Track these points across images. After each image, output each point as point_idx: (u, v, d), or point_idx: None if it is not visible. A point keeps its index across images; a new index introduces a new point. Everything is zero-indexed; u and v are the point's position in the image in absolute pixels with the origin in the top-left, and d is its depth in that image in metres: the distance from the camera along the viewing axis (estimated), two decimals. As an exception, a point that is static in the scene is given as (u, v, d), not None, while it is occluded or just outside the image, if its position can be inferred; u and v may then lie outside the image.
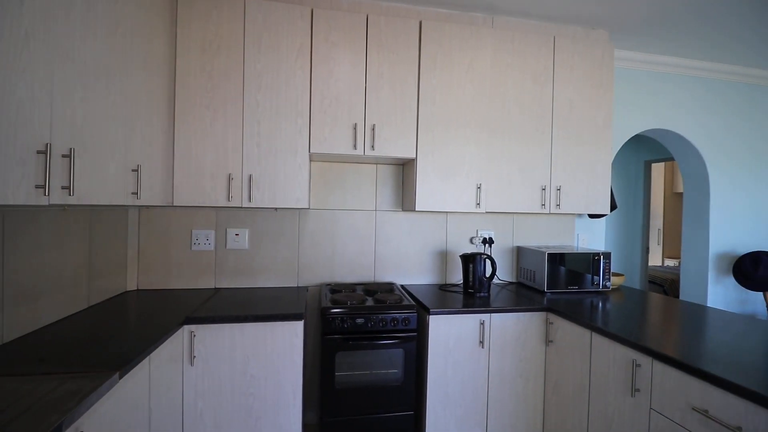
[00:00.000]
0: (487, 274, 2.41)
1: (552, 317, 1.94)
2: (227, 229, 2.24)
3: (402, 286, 2.39)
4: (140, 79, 1.59)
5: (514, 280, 2.60)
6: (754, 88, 3.12)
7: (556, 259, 2.24)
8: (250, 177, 1.93)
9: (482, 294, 2.15)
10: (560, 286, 2.25)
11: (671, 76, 2.94)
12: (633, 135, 2.91)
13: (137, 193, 1.56)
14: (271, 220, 2.28)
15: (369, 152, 2.04)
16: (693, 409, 1.19)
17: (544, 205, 2.28)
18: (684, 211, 3.21)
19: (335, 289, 2.16)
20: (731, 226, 3.07)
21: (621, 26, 2.44)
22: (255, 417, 1.70)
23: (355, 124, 2.02)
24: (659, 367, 1.33)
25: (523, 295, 2.20)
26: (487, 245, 2.54)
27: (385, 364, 1.86)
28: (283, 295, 2.05)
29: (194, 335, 1.64)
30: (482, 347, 1.92)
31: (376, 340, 1.84)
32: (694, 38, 2.55)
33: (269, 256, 2.28)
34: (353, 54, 2.03)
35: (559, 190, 2.30)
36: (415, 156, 2.10)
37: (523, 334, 1.96)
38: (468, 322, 1.90)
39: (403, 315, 1.86)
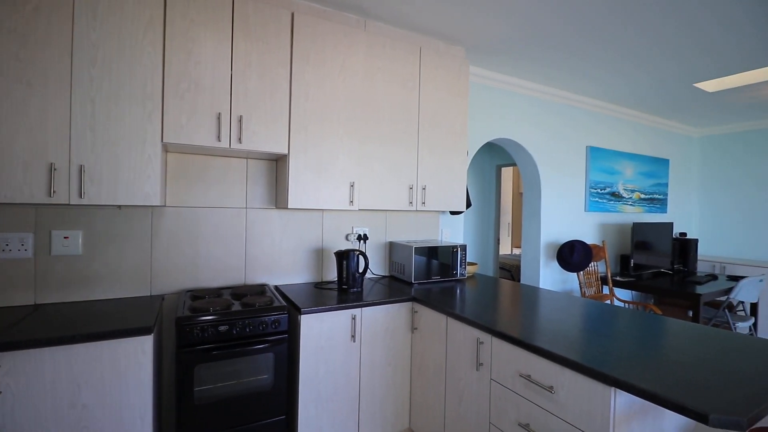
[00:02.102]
0: (361, 270, 2.49)
1: (417, 306, 2.10)
2: (52, 231, 1.83)
3: (276, 286, 2.30)
4: None
5: (387, 274, 2.73)
6: (569, 107, 3.88)
7: (422, 252, 2.44)
8: (81, 168, 1.61)
9: (355, 289, 2.21)
10: (425, 277, 2.46)
11: (513, 93, 3.46)
12: (485, 142, 3.33)
13: None
14: (114, 219, 1.95)
15: (236, 145, 1.90)
16: (520, 375, 1.42)
17: (411, 202, 2.45)
18: (523, 207, 3.82)
19: (197, 295, 1.96)
20: (556, 220, 3.78)
21: (474, 46, 2.76)
22: (90, 453, 1.43)
23: (219, 113, 1.86)
24: (497, 342, 1.56)
25: (394, 287, 2.33)
26: (362, 242, 2.62)
27: (253, 371, 1.76)
28: (130, 307, 1.78)
29: (-4, 366, 1.30)
30: (354, 341, 1.97)
31: (242, 347, 1.73)
32: (527, 64, 3.04)
33: (112, 262, 1.94)
34: (217, 36, 1.85)
35: (425, 189, 2.50)
36: (287, 152, 2.04)
37: (392, 324, 2.08)
38: (340, 318, 1.93)
39: (273, 317, 1.79)
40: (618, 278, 3.86)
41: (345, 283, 2.21)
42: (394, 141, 2.39)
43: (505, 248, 6.85)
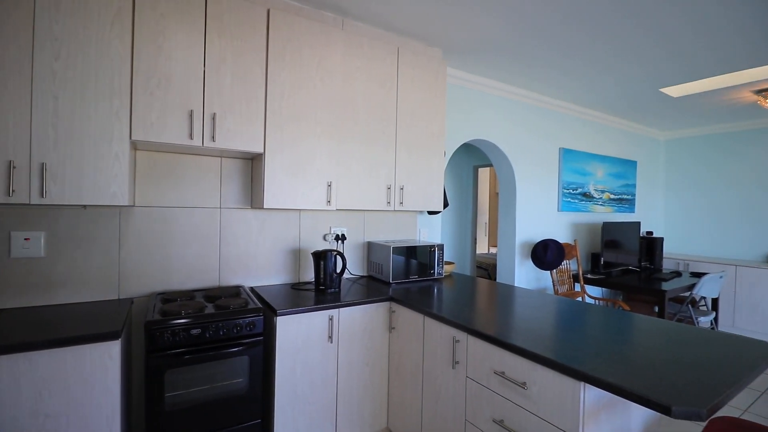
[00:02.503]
0: (338, 270, 2.48)
1: (394, 306, 2.10)
2: (12, 233, 1.74)
3: (251, 288, 2.26)
4: None
5: (365, 274, 2.73)
6: (543, 110, 3.97)
7: (400, 252, 2.45)
8: (42, 166, 1.53)
9: (333, 290, 2.19)
10: (403, 276, 2.47)
11: (490, 95, 3.52)
12: (462, 143, 3.37)
13: None
14: (79, 220, 1.86)
15: (209, 144, 1.86)
16: (494, 372, 1.45)
17: (389, 202, 2.46)
18: (499, 207, 3.89)
19: (169, 298, 1.90)
20: (530, 220, 3.87)
21: (451, 48, 2.80)
22: (52, 465, 1.37)
23: (192, 110, 1.81)
24: (472, 340, 1.58)
25: (372, 287, 2.33)
26: (340, 242, 2.61)
27: (228, 375, 1.72)
28: (97, 311, 1.71)
29: (-52, 377, 1.22)
30: (331, 342, 1.96)
31: (216, 350, 1.69)
32: (503, 66, 3.10)
33: (78, 264, 1.86)
34: (189, 31, 1.80)
35: (402, 189, 2.51)
36: (263, 151, 2.01)
37: (370, 324, 2.08)
38: (317, 319, 1.92)
39: (248, 320, 1.76)
40: (589, 276, 3.99)
41: (322, 284, 2.19)
42: (372, 141, 2.38)
43: (482, 247, 6.96)
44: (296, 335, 1.86)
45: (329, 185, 2.20)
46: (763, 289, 4.14)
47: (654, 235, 5.33)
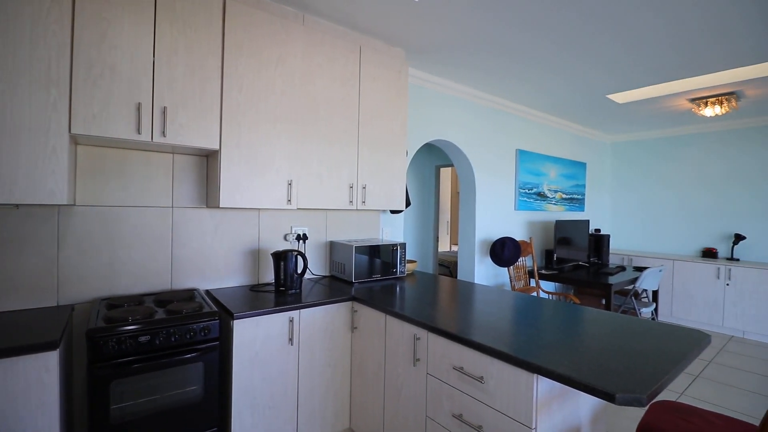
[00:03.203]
0: (299, 271, 2.43)
1: (356, 305, 2.10)
2: (-73, 235, 1.56)
3: (207, 291, 2.16)
4: None
5: (327, 274, 2.70)
6: (501, 112, 4.11)
7: (362, 251, 2.44)
8: (-36, 161, 1.38)
9: (294, 291, 2.15)
10: (366, 275, 2.46)
11: (451, 96, 3.59)
12: (424, 143, 3.42)
13: None
14: (9, 220, 1.70)
15: (159, 139, 1.76)
16: (453, 368, 1.48)
17: (352, 201, 2.44)
18: (460, 206, 3.98)
19: (114, 303, 1.78)
20: (489, 219, 3.99)
21: (413, 48, 2.82)
22: (-23, 491, 1.24)
23: (140, 103, 1.70)
24: (432, 338, 1.60)
25: (334, 287, 2.31)
26: (301, 241, 2.56)
27: (181, 383, 1.64)
28: (31, 320, 1.57)
29: None
30: (291, 344, 1.92)
31: (167, 358, 1.61)
32: (463, 68, 3.17)
33: (9, 269, 1.70)
34: (137, 19, 1.69)
35: (365, 188, 2.50)
36: (219, 147, 1.92)
37: (331, 324, 2.06)
38: (277, 321, 1.87)
39: (202, 324, 1.68)
40: (543, 271, 4.18)
41: (283, 285, 2.14)
42: (333, 139, 2.36)
43: (444, 245, 7.10)
44: (254, 338, 1.81)
45: (289, 184, 2.15)
46: (697, 281, 4.53)
47: (601, 233, 5.66)
